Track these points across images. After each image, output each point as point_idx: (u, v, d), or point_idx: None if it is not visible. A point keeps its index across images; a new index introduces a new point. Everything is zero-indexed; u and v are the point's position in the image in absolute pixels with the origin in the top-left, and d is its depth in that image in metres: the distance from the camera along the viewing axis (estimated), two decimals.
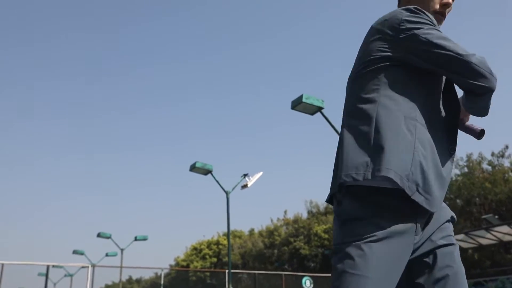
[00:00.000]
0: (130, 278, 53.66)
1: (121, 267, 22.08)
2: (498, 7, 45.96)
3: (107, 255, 24.54)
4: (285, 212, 44.70)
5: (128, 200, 66.16)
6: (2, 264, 14.07)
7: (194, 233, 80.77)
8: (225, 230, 40.22)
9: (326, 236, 34.24)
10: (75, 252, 24.80)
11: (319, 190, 60.51)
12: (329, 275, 22.46)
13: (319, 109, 10.89)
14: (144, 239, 23.11)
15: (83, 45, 68.15)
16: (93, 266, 18.53)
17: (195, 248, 42.96)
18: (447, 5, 1.64)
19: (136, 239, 23.00)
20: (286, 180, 59.19)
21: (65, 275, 27.39)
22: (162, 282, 22.69)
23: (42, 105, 65.09)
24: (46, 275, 15.54)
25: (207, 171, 14.51)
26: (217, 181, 14.70)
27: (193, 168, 14.34)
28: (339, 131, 11.36)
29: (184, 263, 42.04)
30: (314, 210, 40.35)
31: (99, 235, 22.70)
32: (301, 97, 10.59)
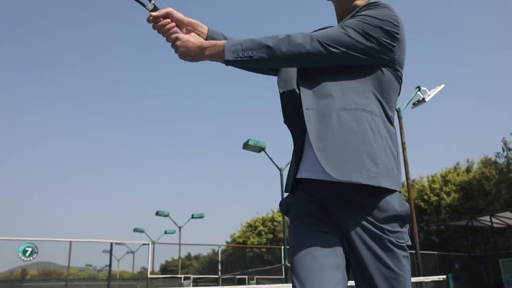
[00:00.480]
0: (189, 254, 55.35)
1: (179, 244, 22.79)
2: None
3: (165, 232, 25.36)
4: None
5: (184, 179, 67.84)
6: (70, 242, 14.84)
7: (248, 211, 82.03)
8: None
9: None
10: (136, 230, 25.79)
11: None
12: None
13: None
14: (201, 216, 23.65)
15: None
16: (153, 243, 19.23)
17: (250, 225, 43.55)
18: None
19: (193, 216, 23.60)
20: None
21: (128, 252, 28.65)
22: (219, 258, 23.22)
23: (110, 83, 67.20)
24: (110, 251, 16.24)
25: (260, 149, 14.51)
26: (270, 158, 14.69)
27: (246, 146, 14.37)
28: None
29: (241, 240, 42.77)
30: None
31: (157, 214, 23.47)
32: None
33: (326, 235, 1.49)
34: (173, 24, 1.65)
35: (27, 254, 13.68)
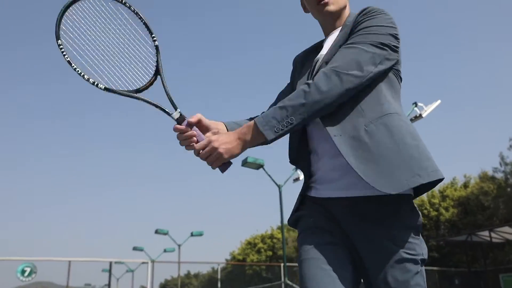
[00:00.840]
0: (188, 273, 54.91)
1: (179, 262, 22.66)
2: None
3: (165, 251, 25.18)
4: None
5: (183, 197, 67.71)
6: (69, 261, 14.78)
7: (247, 228, 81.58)
8: (278, 223, 40.36)
9: None
10: (135, 248, 25.63)
11: None
12: None
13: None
14: (200, 234, 23.54)
15: None
16: (153, 262, 19.12)
17: (249, 243, 43.32)
18: None
19: (192, 234, 23.50)
20: None
21: (127, 271, 28.39)
22: (219, 276, 23.09)
23: (100, 102, 67.51)
24: (109, 271, 16.15)
25: (259, 166, 14.57)
26: (269, 175, 14.76)
27: (245, 163, 14.45)
28: None
29: (240, 257, 42.50)
30: None
31: (156, 232, 23.36)
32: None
33: (335, 247, 1.49)
34: (195, 133, 1.59)
35: (26, 274, 13.61)
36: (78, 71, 1.61)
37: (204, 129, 1.65)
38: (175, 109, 1.61)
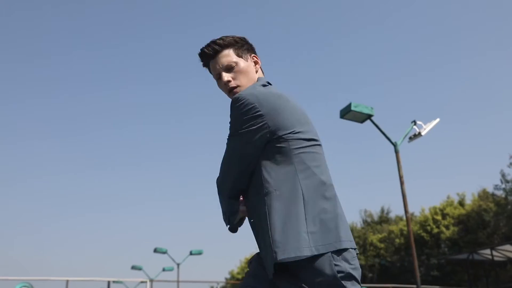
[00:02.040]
0: None
1: (178, 281, 22.44)
2: None
3: (164, 270, 24.99)
4: None
5: (182, 215, 67.52)
6: (67, 281, 14.62)
7: (246, 246, 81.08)
8: None
9: (382, 245, 33.36)
10: (133, 267, 25.43)
11: (372, 199, 59.30)
12: (388, 285, 21.87)
13: (369, 116, 10.76)
14: (199, 253, 23.39)
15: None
16: (151, 281, 18.93)
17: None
18: (227, 84, 1.81)
19: (191, 253, 23.35)
20: (337, 191, 58.51)
21: None
22: None
23: (102, 121, 67.77)
24: None
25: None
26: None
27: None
28: (390, 139, 10.99)
29: (239, 276, 42.17)
30: (369, 219, 39.55)
31: (155, 251, 23.21)
32: (349, 105, 10.48)
33: None
34: None
35: None
36: None
37: None
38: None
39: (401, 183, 12.46)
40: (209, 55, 1.84)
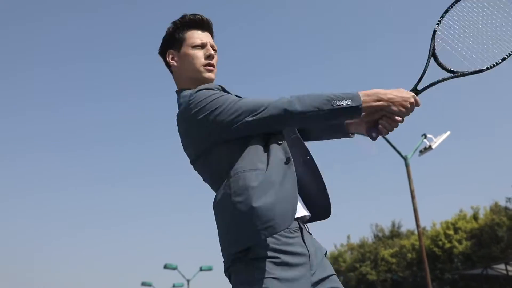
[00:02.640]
0: None
1: None
2: None
3: (174, 286, 24.92)
4: (348, 237, 43.67)
5: (192, 231, 67.36)
6: None
7: None
8: None
9: (394, 260, 32.93)
10: (143, 284, 25.36)
11: (383, 214, 58.73)
12: None
13: None
14: (209, 269, 23.30)
15: None
16: None
17: None
18: (211, 57, 1.72)
19: (201, 269, 23.25)
20: (348, 205, 58.19)
21: None
22: None
23: (103, 130, 68.22)
24: None
25: None
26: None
27: None
28: (400, 152, 10.94)
29: None
30: (380, 234, 39.13)
31: (165, 267, 23.15)
32: None
33: None
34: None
35: None
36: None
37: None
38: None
39: (412, 197, 12.35)
40: (207, 27, 1.77)
